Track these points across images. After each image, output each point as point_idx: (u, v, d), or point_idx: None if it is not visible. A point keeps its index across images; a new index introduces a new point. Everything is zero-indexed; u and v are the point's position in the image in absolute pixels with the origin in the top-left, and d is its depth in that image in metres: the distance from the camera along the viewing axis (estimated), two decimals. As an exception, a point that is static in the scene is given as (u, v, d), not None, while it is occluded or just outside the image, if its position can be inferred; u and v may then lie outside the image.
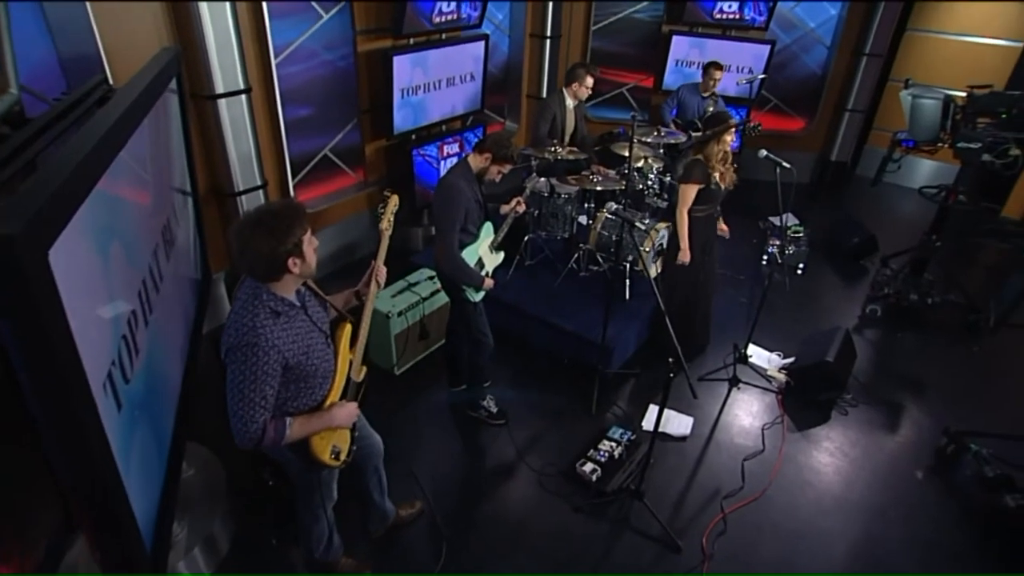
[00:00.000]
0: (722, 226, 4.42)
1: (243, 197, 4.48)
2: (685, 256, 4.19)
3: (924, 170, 8.03)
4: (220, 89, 4.06)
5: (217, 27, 3.88)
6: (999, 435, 3.88)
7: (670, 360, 2.81)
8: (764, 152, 4.00)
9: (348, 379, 2.54)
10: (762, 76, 6.34)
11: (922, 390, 4.62)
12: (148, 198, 2.55)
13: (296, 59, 4.70)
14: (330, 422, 2.39)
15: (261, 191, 4.56)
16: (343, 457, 2.48)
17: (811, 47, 7.61)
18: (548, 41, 6.74)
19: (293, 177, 4.93)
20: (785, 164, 3.90)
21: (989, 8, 7.23)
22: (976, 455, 3.82)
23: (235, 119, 4.22)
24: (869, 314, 5.40)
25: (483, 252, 3.65)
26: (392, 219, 2.81)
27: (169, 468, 2.41)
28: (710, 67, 5.97)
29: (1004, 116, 4.57)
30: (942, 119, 4.68)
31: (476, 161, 3.41)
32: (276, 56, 4.49)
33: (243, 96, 4.21)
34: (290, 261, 2.11)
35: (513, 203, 3.73)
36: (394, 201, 2.84)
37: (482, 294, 3.71)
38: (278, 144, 4.73)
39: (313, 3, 4.66)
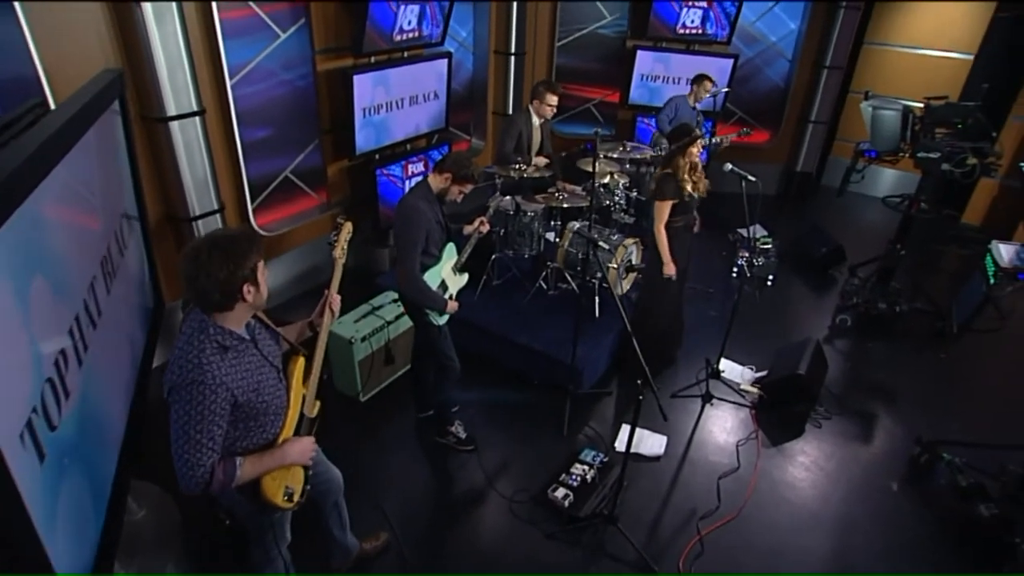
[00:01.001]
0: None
1: (200, 222, 4.33)
2: (670, 268, 4.14)
3: (887, 179, 8.16)
4: (172, 111, 3.92)
5: (167, 47, 3.75)
6: (970, 444, 3.88)
7: (639, 382, 2.73)
8: (729, 166, 3.98)
9: (301, 415, 2.42)
10: (725, 90, 6.38)
11: (893, 399, 4.63)
12: (85, 226, 2.41)
13: (253, 79, 4.58)
14: (283, 460, 2.26)
15: (218, 215, 4.41)
16: (296, 498, 2.34)
17: (773, 60, 7.71)
18: (512, 58, 6.71)
19: (252, 200, 4.78)
20: (750, 177, 3.89)
21: (940, 22, 7.43)
22: (949, 464, 3.81)
23: (189, 142, 4.08)
24: (839, 324, 5.41)
25: (446, 274, 3.55)
26: (346, 246, 2.71)
27: (110, 512, 2.26)
28: (701, 79, 5.91)
29: (960, 126, 4.67)
30: (902, 130, 4.76)
31: (436, 181, 3.33)
32: (231, 76, 4.37)
33: (196, 118, 4.07)
34: (245, 288, 2.00)
35: (476, 223, 3.64)
36: (348, 227, 2.74)
37: (447, 317, 3.61)
38: (235, 167, 4.59)
39: (270, 22, 4.56)
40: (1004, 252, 2.98)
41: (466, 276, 3.71)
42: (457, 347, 3.72)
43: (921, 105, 4.83)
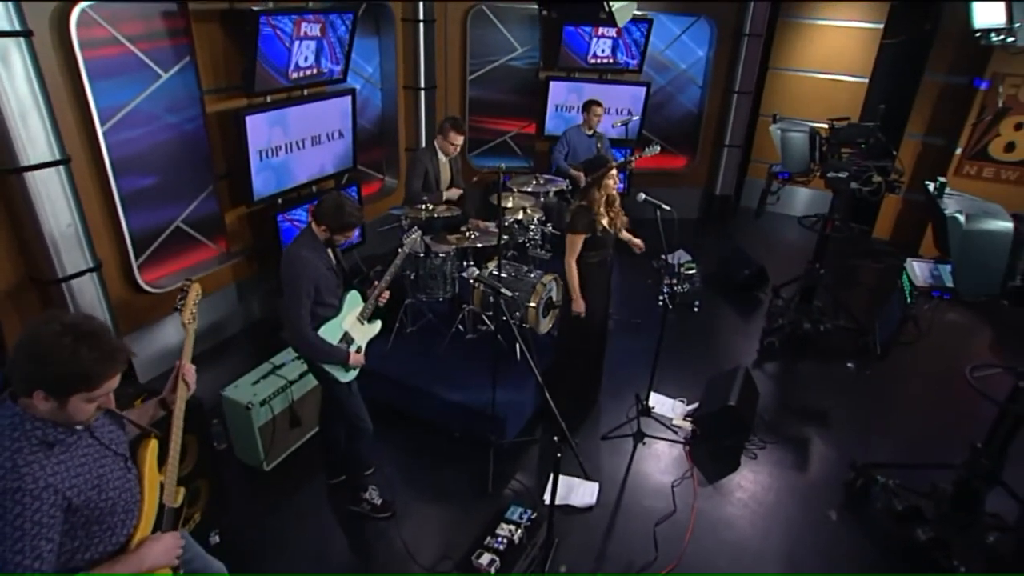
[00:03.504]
0: (636, 242, 4.19)
1: (72, 283, 3.87)
2: (578, 306, 3.96)
3: (802, 198, 8.36)
4: (27, 161, 3.49)
5: (15, 90, 3.34)
6: (901, 465, 3.85)
7: (555, 438, 2.49)
8: (643, 195, 3.87)
9: (161, 507, 2.05)
10: (635, 118, 6.39)
11: (825, 421, 4.58)
12: None
13: (132, 124, 4.19)
14: (141, 566, 1.90)
15: (94, 274, 3.95)
16: (166, 611, 1.96)
17: (685, 87, 7.83)
18: (423, 93, 6.52)
19: (137, 255, 4.35)
20: (664, 206, 3.78)
21: (835, 48, 7.75)
22: (884, 487, 3.74)
23: (51, 194, 3.64)
24: (767, 347, 5.36)
25: (350, 325, 3.25)
26: (195, 310, 2.39)
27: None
28: (589, 104, 5.95)
29: (863, 146, 4.80)
30: (810, 151, 4.82)
31: (318, 231, 3.05)
32: (104, 122, 3.98)
33: (60, 168, 3.65)
34: (82, 396, 1.71)
35: (376, 291, 3.32)
36: (196, 290, 2.43)
37: (353, 373, 3.30)
38: (113, 219, 4.16)
39: (149, 61, 4.20)
40: (919, 271, 2.94)
41: (378, 324, 3.42)
42: (369, 402, 3.45)
43: (826, 126, 4.91)
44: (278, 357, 4.08)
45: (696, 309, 5.89)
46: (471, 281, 3.90)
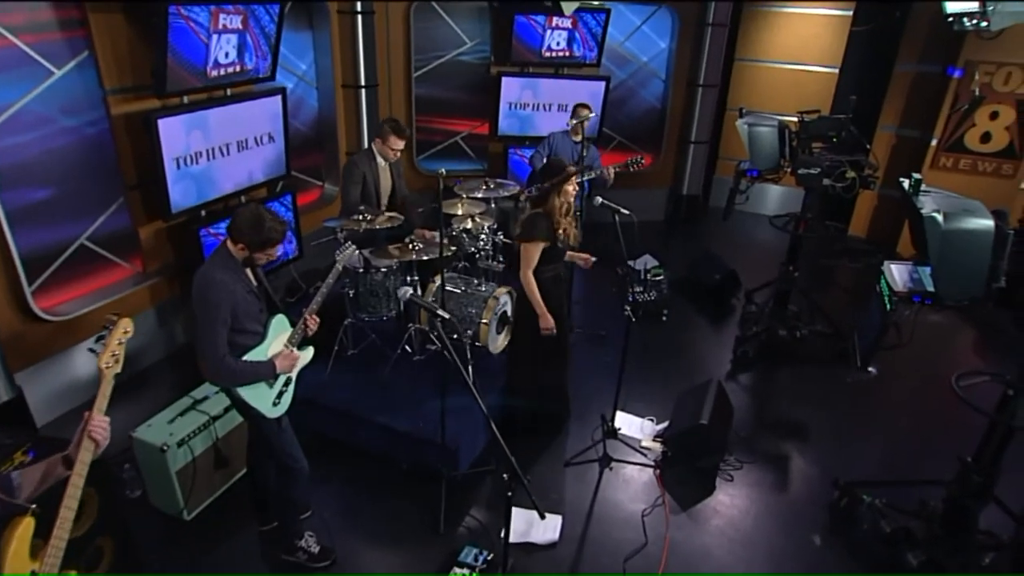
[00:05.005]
0: (583, 256, 4.05)
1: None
2: (546, 322, 3.83)
3: (773, 196, 8.40)
4: None
5: None
6: (888, 483, 3.80)
7: (505, 476, 2.33)
8: (599, 199, 3.76)
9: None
10: (592, 115, 6.29)
11: (805, 435, 4.53)
12: None
13: (18, 127, 3.90)
14: None
15: (-27, 303, 3.67)
16: None
17: (647, 81, 7.80)
18: (364, 91, 6.34)
19: (31, 279, 4.05)
20: (623, 210, 3.67)
21: (803, 37, 7.84)
22: (870, 507, 3.68)
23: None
24: (741, 357, 5.30)
25: (276, 352, 3.04)
26: (119, 352, 2.12)
27: None
28: (577, 108, 5.72)
29: (835, 140, 4.79)
30: (780, 146, 4.79)
31: (234, 251, 2.85)
32: (-19, 125, 3.70)
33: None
34: None
35: (302, 321, 3.12)
36: (123, 327, 2.14)
37: (283, 407, 3.10)
38: (-2, 238, 3.87)
39: (37, 56, 3.92)
40: (897, 275, 2.88)
41: (310, 351, 3.22)
42: (307, 435, 3.29)
43: (796, 119, 4.88)
44: (199, 390, 3.84)
45: (664, 318, 5.81)
46: (403, 302, 3.72)
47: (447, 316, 2.74)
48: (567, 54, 7.05)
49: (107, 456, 3.00)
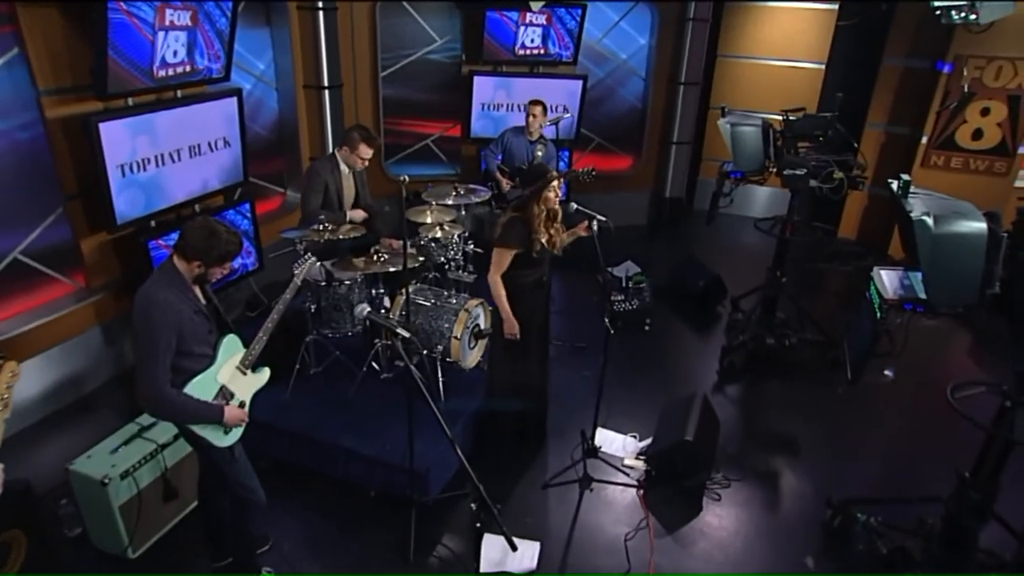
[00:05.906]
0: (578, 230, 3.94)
1: None
2: (511, 327, 3.76)
3: (759, 198, 8.41)
4: None
5: None
6: (883, 500, 3.75)
7: (472, 506, 2.23)
8: (574, 205, 3.71)
9: None
10: (568, 116, 6.25)
11: (796, 450, 4.49)
12: None
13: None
14: None
15: None
16: None
17: (627, 79, 7.78)
18: (327, 92, 6.23)
19: (-43, 297, 3.90)
20: (600, 217, 3.60)
21: (787, 32, 7.87)
22: (865, 526, 3.64)
23: None
24: (728, 367, 5.26)
25: (227, 377, 2.93)
26: (7, 396, 2.00)
27: None
28: (529, 105, 5.78)
29: (821, 139, 4.76)
30: (764, 146, 4.76)
31: (185, 268, 2.74)
32: None
33: None
34: None
35: (257, 337, 3.00)
36: (8, 370, 2.03)
37: (236, 434, 2.97)
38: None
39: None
40: (887, 282, 2.83)
41: (266, 373, 3.10)
42: (266, 460, 3.17)
43: (780, 118, 4.85)
44: (146, 416, 3.69)
45: (647, 328, 5.75)
46: (359, 320, 3.62)
47: (407, 335, 2.64)
48: (542, 52, 7.00)
49: (39, 492, 2.87)
